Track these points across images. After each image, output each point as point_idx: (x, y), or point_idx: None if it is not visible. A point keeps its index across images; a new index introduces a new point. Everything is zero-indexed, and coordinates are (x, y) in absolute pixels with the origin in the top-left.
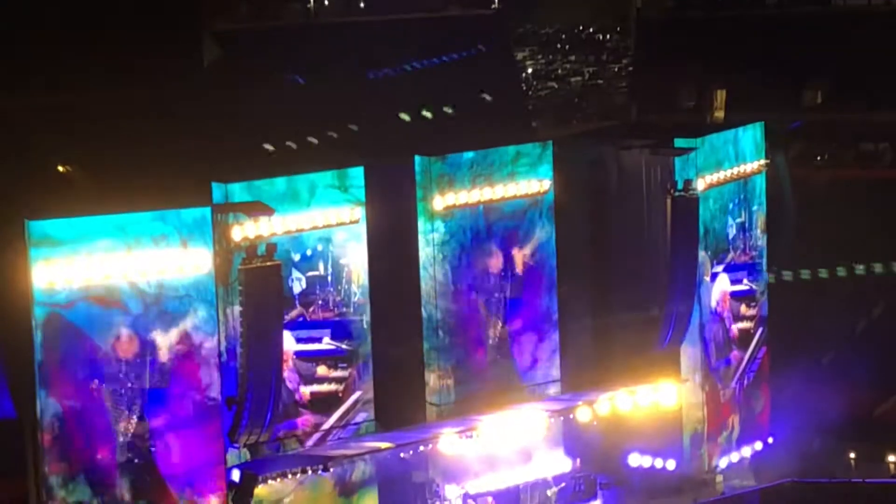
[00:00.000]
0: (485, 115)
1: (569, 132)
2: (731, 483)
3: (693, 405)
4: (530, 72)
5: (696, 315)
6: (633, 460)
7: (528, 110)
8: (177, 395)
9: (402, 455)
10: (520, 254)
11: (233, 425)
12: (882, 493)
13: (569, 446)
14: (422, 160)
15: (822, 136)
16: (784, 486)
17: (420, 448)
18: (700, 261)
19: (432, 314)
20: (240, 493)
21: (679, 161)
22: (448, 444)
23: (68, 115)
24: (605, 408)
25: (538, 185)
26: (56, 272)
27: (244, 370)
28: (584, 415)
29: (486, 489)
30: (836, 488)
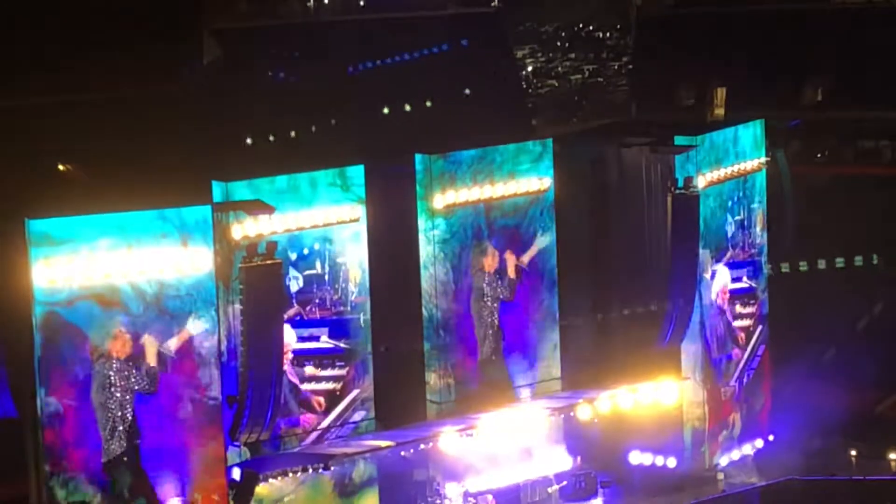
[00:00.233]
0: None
1: (569, 130)
2: (732, 481)
3: (694, 403)
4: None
5: (697, 312)
6: (634, 458)
7: (528, 108)
8: (177, 394)
9: (402, 453)
10: (520, 251)
11: (233, 424)
12: (883, 491)
13: (569, 444)
14: (422, 158)
15: (821, 133)
16: (785, 484)
17: (420, 446)
18: (700, 258)
19: (433, 312)
20: (241, 492)
21: (679, 159)
22: (449, 442)
23: (68, 115)
24: (605, 406)
25: (538, 183)
26: (56, 271)
27: (245, 369)
28: (584, 413)
29: (486, 487)
30: (837, 486)
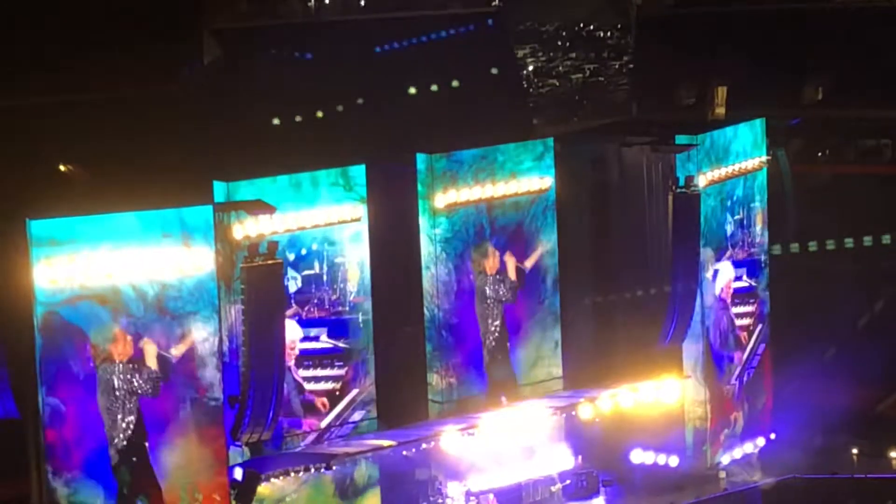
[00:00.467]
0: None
1: (570, 129)
2: (734, 479)
3: (695, 401)
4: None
5: (698, 311)
6: (636, 457)
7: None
8: (179, 395)
9: (404, 453)
10: (521, 251)
11: (235, 424)
12: (885, 489)
13: (571, 443)
14: (424, 158)
15: (822, 132)
16: (786, 482)
17: (422, 446)
18: (701, 257)
19: (434, 312)
20: (242, 492)
21: (680, 158)
22: (450, 441)
23: (69, 115)
24: (607, 405)
25: (540, 182)
26: (57, 272)
27: (246, 369)
28: (586, 412)
29: (488, 486)
30: (838, 484)
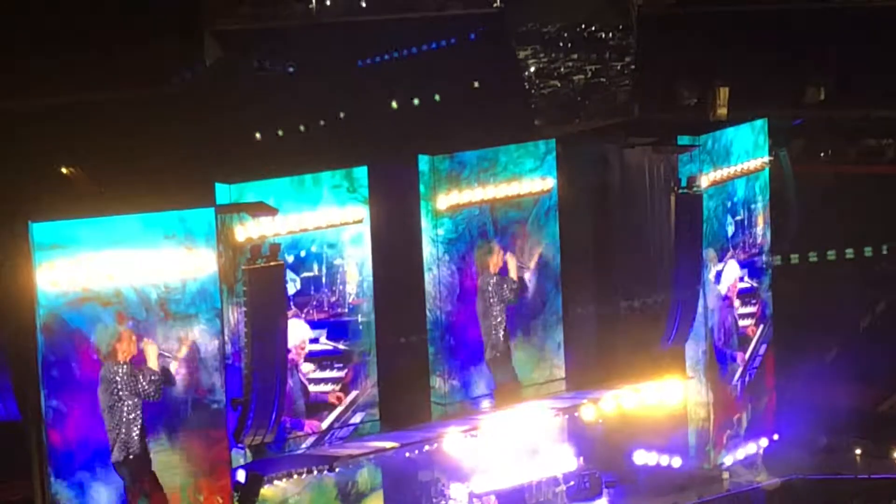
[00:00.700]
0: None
1: (572, 130)
2: (738, 480)
3: (698, 402)
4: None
5: (701, 312)
6: (639, 458)
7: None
8: (181, 397)
9: (407, 454)
10: (524, 252)
11: (238, 426)
12: (888, 489)
13: (574, 444)
14: (426, 159)
15: (824, 132)
16: (790, 483)
17: (425, 447)
18: (704, 258)
19: (437, 314)
20: (245, 494)
21: (682, 158)
22: (453, 443)
23: (71, 117)
24: (610, 405)
25: (542, 183)
26: (60, 274)
27: (248, 371)
28: (589, 413)
29: (491, 488)
30: (841, 484)
